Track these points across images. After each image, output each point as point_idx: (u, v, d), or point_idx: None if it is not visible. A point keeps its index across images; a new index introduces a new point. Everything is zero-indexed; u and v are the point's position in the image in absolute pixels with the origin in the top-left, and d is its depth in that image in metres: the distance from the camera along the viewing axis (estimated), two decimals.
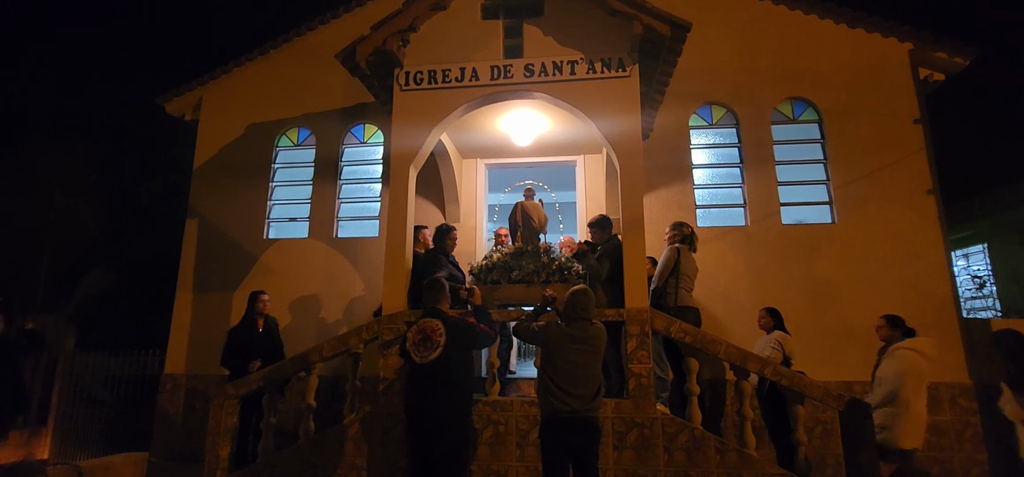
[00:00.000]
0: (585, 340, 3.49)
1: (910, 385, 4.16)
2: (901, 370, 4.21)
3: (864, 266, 6.22)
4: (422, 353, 3.57)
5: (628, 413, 4.39)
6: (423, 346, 3.59)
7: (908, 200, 6.33)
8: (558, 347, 3.50)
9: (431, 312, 3.77)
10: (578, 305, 3.56)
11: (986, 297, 9.49)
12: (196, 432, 6.47)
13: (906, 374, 4.18)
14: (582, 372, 3.45)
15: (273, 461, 4.58)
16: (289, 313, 6.89)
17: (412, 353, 3.62)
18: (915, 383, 4.18)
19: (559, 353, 3.49)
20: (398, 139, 5.29)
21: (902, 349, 4.31)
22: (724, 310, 6.20)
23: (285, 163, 7.74)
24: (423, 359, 3.56)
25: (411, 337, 3.66)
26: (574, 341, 3.48)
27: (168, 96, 7.94)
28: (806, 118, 6.84)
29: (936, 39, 6.57)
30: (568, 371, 3.45)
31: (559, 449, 3.41)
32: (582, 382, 3.43)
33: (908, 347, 4.30)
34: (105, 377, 7.21)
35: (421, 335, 3.64)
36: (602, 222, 5.18)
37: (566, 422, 3.40)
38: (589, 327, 3.53)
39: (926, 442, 5.72)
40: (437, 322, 3.68)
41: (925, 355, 4.25)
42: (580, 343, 3.48)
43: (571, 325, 3.53)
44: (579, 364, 3.46)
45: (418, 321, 3.74)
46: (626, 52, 5.07)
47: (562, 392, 3.41)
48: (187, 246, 7.47)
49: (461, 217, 7.07)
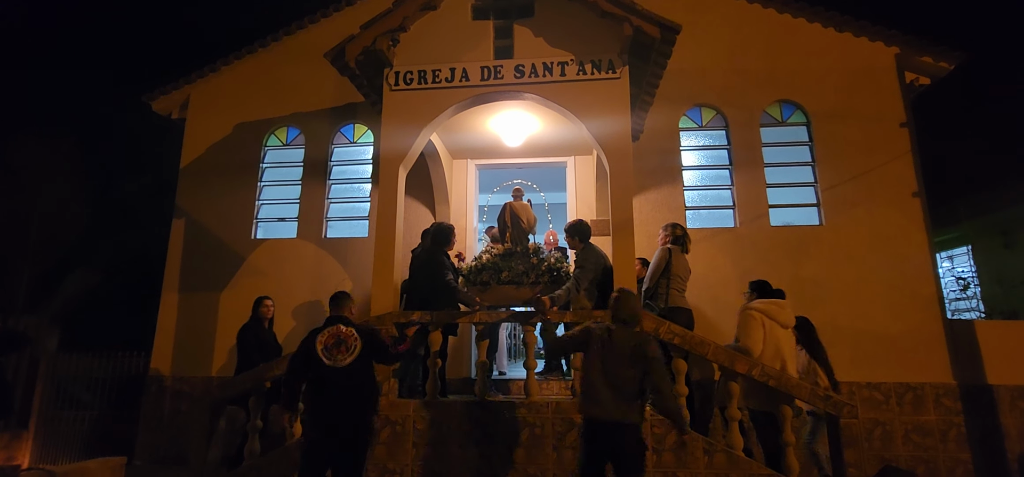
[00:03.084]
0: (625, 346, 3.33)
1: (754, 337, 4.31)
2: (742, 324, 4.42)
3: (851, 267, 6.28)
4: (335, 357, 3.62)
5: None
6: (336, 350, 3.64)
7: (894, 202, 6.40)
8: (598, 352, 3.38)
9: (341, 319, 3.79)
10: (622, 308, 3.45)
11: (970, 298, 9.62)
12: (181, 434, 6.39)
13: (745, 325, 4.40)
14: (620, 378, 3.30)
15: (259, 463, 4.53)
16: (277, 314, 6.80)
17: (323, 357, 3.60)
18: (756, 334, 4.32)
19: (598, 358, 3.36)
20: (388, 139, 5.26)
21: (749, 309, 4.47)
22: (714, 310, 6.23)
23: (274, 163, 7.67)
24: (336, 363, 3.60)
25: (322, 341, 3.65)
26: (614, 347, 3.35)
27: (155, 94, 7.84)
28: (794, 121, 6.90)
29: (922, 44, 6.66)
30: (606, 376, 3.31)
31: (595, 454, 3.32)
32: (620, 388, 3.28)
33: (755, 307, 4.45)
34: (88, 379, 7.09)
35: (334, 340, 3.67)
36: (580, 230, 5.10)
37: (603, 428, 3.28)
38: (631, 334, 3.39)
39: (911, 442, 5.81)
40: (350, 329, 3.74)
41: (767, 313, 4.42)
42: (620, 349, 3.33)
43: (613, 329, 3.41)
44: (617, 370, 3.31)
45: (328, 327, 3.74)
46: (616, 54, 5.08)
47: (599, 397, 3.29)
48: (173, 246, 7.38)
49: (451, 217, 7.05)
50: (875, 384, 5.94)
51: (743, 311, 4.56)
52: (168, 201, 7.68)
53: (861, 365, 5.95)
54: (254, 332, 5.43)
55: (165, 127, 8.41)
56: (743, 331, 4.41)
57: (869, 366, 5.96)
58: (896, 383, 5.93)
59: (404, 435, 4.53)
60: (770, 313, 4.46)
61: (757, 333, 4.33)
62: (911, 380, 5.93)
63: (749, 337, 4.34)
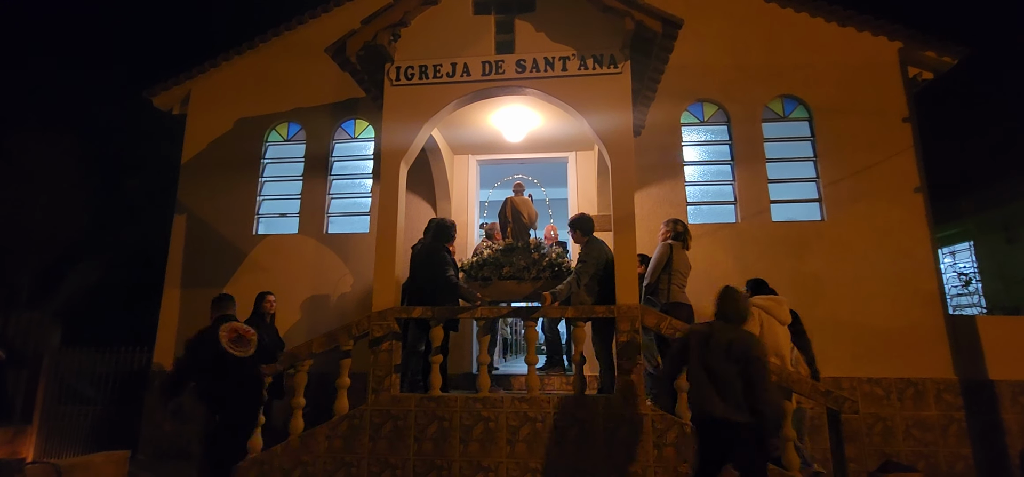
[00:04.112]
0: (724, 342, 3.31)
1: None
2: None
3: (852, 263, 6.27)
4: (241, 349, 3.99)
5: (618, 409, 4.40)
6: (239, 344, 4.00)
7: (896, 198, 6.38)
8: (698, 350, 3.39)
9: (232, 317, 4.16)
10: (727, 305, 3.45)
11: (972, 294, 9.62)
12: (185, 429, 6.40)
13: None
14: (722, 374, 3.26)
15: (262, 458, 4.55)
16: (278, 309, 6.82)
17: (230, 349, 3.92)
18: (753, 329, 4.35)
19: (699, 355, 3.37)
20: (389, 135, 5.26)
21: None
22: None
23: (275, 158, 7.67)
24: (244, 354, 3.99)
25: (224, 336, 3.95)
26: (716, 346, 3.32)
27: (156, 90, 7.82)
28: (796, 116, 6.87)
29: (925, 39, 6.62)
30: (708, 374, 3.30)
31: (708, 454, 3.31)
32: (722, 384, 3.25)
33: (754, 302, 4.52)
34: (91, 374, 7.10)
35: (235, 334, 4.02)
36: (583, 224, 5.10)
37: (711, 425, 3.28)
38: (731, 330, 3.36)
39: (912, 437, 5.82)
40: (247, 325, 4.21)
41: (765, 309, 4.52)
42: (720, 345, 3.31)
43: (715, 326, 3.42)
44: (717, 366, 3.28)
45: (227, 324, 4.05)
46: (618, 49, 5.07)
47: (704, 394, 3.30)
48: (175, 241, 7.39)
49: (452, 213, 7.04)
50: (876, 379, 5.94)
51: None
52: (169, 197, 7.68)
53: (862, 360, 5.96)
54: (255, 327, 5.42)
55: (166, 123, 8.40)
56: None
57: (870, 361, 5.96)
58: (897, 378, 5.93)
59: (405, 430, 4.54)
60: (769, 309, 4.52)
61: (753, 327, 4.39)
62: (912, 375, 5.93)
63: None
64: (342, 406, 4.69)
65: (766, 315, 4.54)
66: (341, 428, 4.58)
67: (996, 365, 5.88)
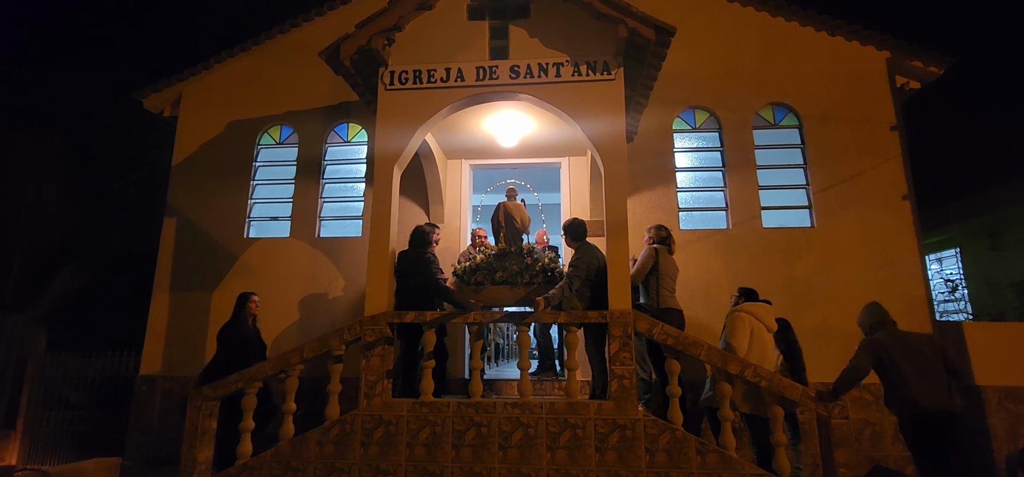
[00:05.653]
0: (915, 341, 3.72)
1: (739, 336, 4.54)
2: (731, 325, 4.65)
3: (841, 269, 6.33)
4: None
5: (610, 414, 4.41)
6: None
7: (884, 205, 6.46)
8: (896, 350, 3.74)
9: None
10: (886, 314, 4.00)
11: (958, 300, 9.75)
12: (172, 435, 6.33)
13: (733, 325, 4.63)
14: (930, 365, 3.58)
15: (252, 465, 4.51)
16: (269, 313, 6.77)
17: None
18: (743, 334, 4.55)
19: (900, 354, 3.68)
20: (382, 139, 5.25)
21: (739, 310, 4.70)
22: (706, 311, 6.26)
23: (267, 161, 7.62)
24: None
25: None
26: (907, 344, 3.69)
27: (146, 91, 7.76)
28: (787, 123, 6.95)
29: (912, 48, 6.73)
30: (916, 368, 3.60)
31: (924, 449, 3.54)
32: (933, 376, 3.55)
33: (744, 308, 4.69)
34: (77, 378, 7.01)
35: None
36: (576, 229, 5.15)
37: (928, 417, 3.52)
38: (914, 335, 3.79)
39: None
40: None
41: (755, 315, 4.65)
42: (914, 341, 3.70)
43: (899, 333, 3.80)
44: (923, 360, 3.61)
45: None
46: (611, 55, 5.10)
47: (916, 386, 3.56)
48: (164, 244, 7.31)
49: (445, 218, 7.04)
50: (865, 385, 5.98)
51: (732, 312, 4.75)
52: (159, 199, 7.61)
53: None
54: (235, 330, 5.37)
55: (157, 125, 8.33)
56: (731, 331, 4.63)
57: None
58: None
59: (397, 435, 4.52)
60: (758, 316, 4.64)
61: (744, 333, 4.56)
62: None
63: (735, 336, 4.56)
64: (333, 411, 4.65)
65: (757, 322, 4.62)
66: (332, 434, 4.55)
67: (982, 370, 5.95)
